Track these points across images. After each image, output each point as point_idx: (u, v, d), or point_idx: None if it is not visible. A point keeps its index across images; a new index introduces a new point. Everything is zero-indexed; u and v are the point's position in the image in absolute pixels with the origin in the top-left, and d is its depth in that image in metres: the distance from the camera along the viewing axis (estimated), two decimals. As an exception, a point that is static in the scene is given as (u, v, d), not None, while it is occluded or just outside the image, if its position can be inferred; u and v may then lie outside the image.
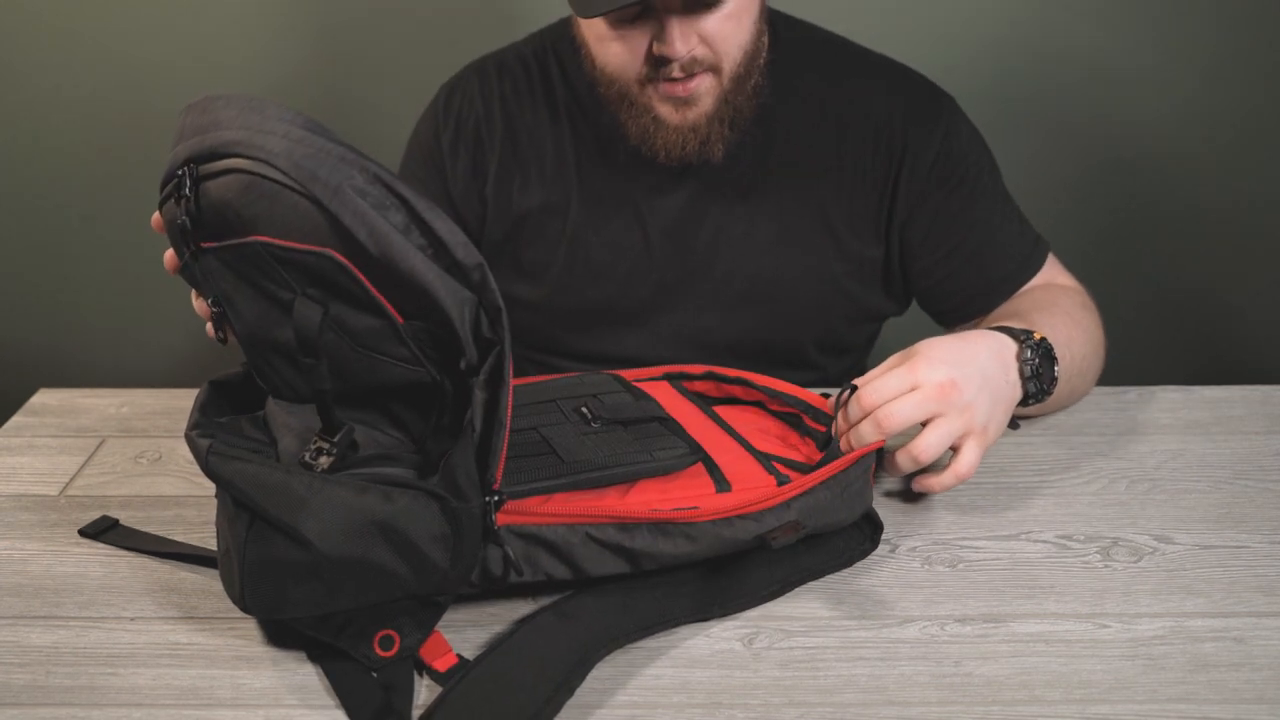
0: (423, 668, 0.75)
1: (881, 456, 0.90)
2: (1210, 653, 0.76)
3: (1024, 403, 0.94)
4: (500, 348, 0.72)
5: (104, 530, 0.90)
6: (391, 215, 0.70)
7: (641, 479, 0.82)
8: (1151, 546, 0.87)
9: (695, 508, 0.79)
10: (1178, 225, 1.83)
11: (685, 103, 1.05)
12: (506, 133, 1.17)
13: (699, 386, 1.03)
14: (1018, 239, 1.15)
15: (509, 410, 0.72)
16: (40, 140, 1.77)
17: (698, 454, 0.85)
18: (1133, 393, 1.11)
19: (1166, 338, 1.85)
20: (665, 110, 1.06)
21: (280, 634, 0.78)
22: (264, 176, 0.70)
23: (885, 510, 0.91)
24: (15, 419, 1.10)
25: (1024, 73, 1.74)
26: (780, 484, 0.83)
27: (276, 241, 0.71)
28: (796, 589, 0.82)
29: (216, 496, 0.79)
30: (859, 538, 0.86)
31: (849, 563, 0.85)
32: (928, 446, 0.87)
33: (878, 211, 1.14)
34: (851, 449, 0.88)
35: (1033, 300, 1.09)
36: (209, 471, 0.74)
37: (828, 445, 0.90)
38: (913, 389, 0.87)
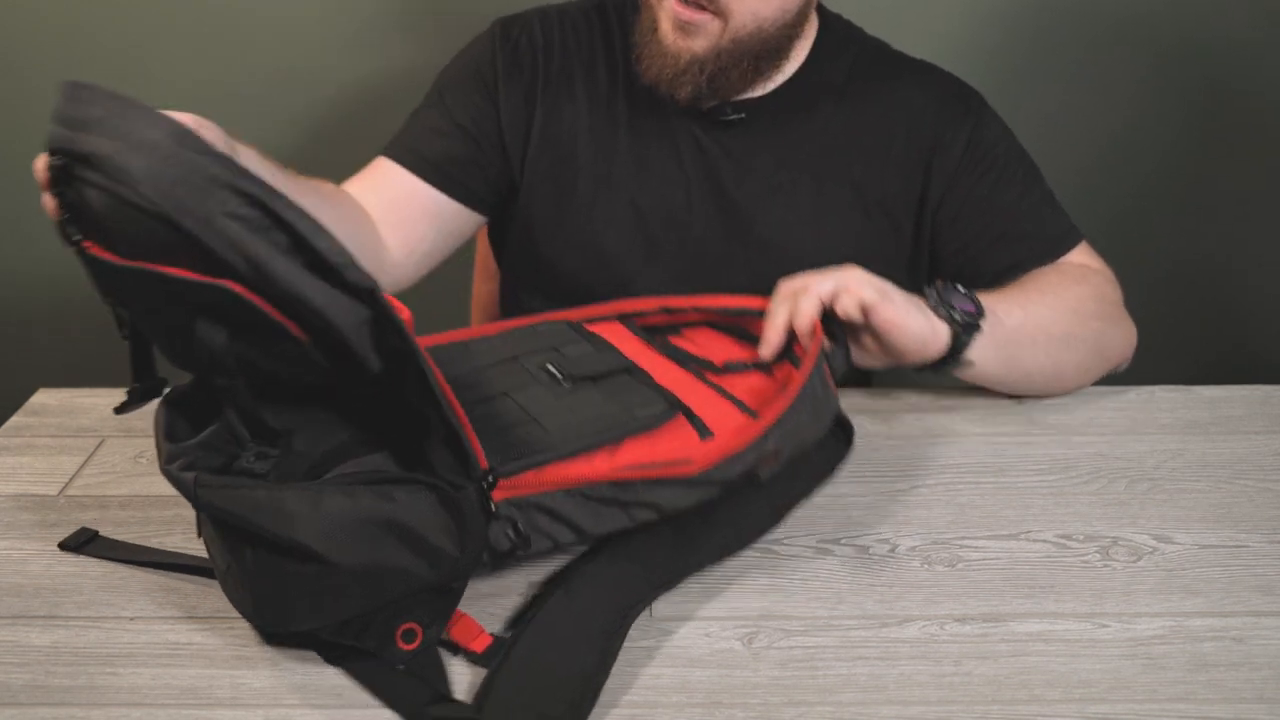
0: (459, 650, 0.75)
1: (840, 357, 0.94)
2: (1210, 652, 0.76)
3: (958, 332, 0.99)
4: (409, 355, 0.70)
5: (84, 543, 0.88)
6: (273, 236, 0.66)
7: (627, 438, 0.82)
8: (1151, 546, 0.87)
9: (688, 460, 0.79)
10: (1177, 225, 1.83)
11: (682, 30, 1.09)
12: (562, 68, 1.18)
13: (652, 320, 1.04)
14: (1048, 224, 1.19)
15: (449, 396, 0.71)
16: (40, 140, 1.76)
17: (676, 406, 0.85)
18: (1132, 393, 1.11)
19: (1166, 338, 1.84)
20: (666, 28, 1.10)
21: (280, 633, 0.77)
22: (130, 203, 0.66)
23: (885, 511, 0.91)
24: (15, 419, 1.09)
25: (1021, 74, 1.74)
26: (754, 419, 0.85)
27: (167, 271, 0.67)
28: (796, 588, 0.83)
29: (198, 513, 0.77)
30: (833, 443, 0.92)
31: (831, 470, 0.92)
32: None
33: (909, 194, 1.19)
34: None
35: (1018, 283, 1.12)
36: (201, 506, 0.72)
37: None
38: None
